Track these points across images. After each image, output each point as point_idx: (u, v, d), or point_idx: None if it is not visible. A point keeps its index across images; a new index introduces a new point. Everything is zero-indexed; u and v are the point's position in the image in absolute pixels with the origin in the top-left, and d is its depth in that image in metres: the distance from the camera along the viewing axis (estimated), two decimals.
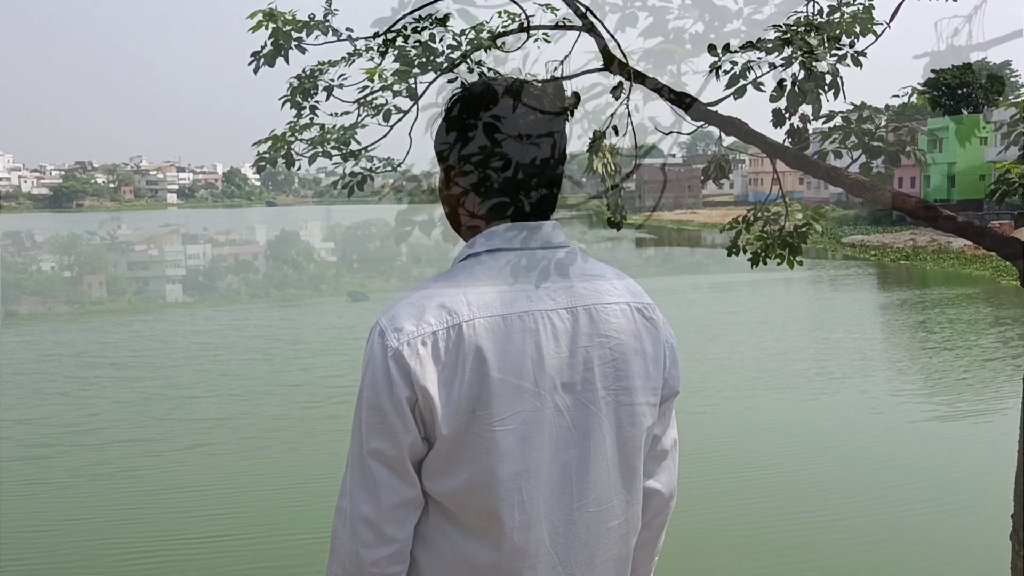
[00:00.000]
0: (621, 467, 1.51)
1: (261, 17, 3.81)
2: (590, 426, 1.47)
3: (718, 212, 79.04)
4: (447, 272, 1.52)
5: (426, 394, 1.37)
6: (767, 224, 5.11)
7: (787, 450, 11.10)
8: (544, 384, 1.43)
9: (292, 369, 16.71)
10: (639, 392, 1.52)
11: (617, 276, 1.58)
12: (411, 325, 1.40)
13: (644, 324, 1.55)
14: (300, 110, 4.07)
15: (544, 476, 1.44)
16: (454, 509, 1.44)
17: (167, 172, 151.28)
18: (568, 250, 1.55)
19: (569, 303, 1.48)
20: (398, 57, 4.06)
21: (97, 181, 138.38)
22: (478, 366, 1.39)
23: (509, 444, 1.40)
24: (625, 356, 1.51)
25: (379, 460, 1.40)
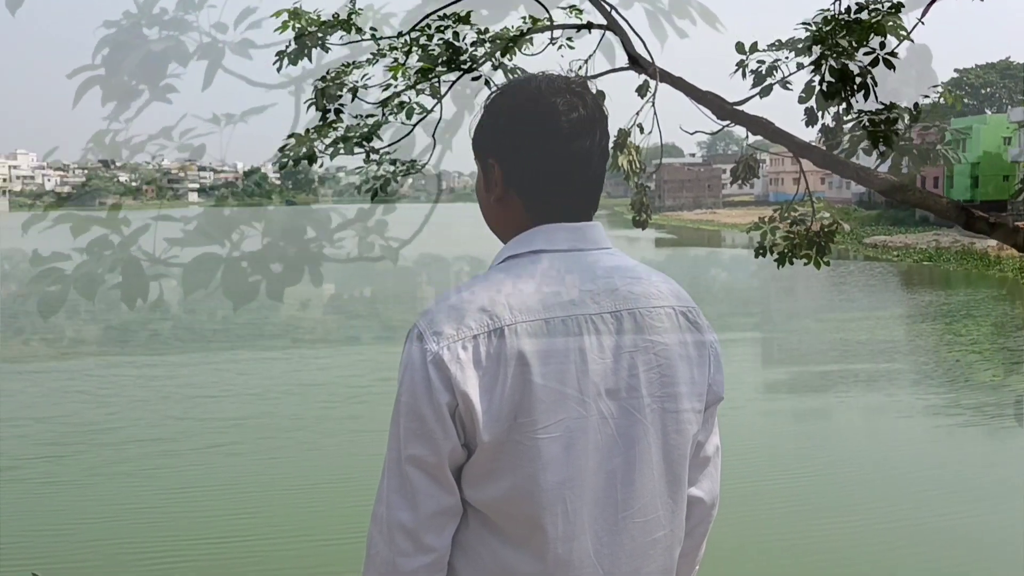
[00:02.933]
0: (667, 476, 1.46)
1: (287, 17, 3.78)
2: (635, 434, 1.42)
3: (738, 212, 78.68)
4: (486, 274, 1.47)
5: (467, 400, 1.33)
6: (794, 224, 5.03)
7: (813, 454, 10.97)
8: (588, 391, 1.38)
9: (310, 368, 16.71)
10: (685, 399, 1.47)
11: (661, 279, 1.53)
12: (451, 329, 1.35)
13: (689, 328, 1.50)
14: (325, 113, 4.03)
15: (588, 485, 1.39)
16: (495, 518, 1.39)
17: (188, 171, 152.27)
18: (611, 252, 1.49)
19: (613, 307, 1.43)
20: (422, 57, 4.02)
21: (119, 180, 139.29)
22: (520, 372, 1.34)
23: (552, 452, 1.36)
24: (671, 362, 1.46)
25: (418, 467, 1.36)
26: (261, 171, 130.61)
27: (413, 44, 3.98)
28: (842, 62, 4.74)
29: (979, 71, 72.47)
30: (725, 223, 70.38)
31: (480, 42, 4.13)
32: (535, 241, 1.46)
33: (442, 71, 4.05)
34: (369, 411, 13.17)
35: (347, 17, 3.92)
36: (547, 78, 1.50)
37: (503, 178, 1.49)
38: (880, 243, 45.68)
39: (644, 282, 1.49)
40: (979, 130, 49.47)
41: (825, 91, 4.68)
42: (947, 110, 6.49)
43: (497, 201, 1.51)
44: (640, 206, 4.87)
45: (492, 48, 4.00)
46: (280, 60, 3.81)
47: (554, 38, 4.60)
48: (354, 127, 4.06)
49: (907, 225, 54.35)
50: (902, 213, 57.80)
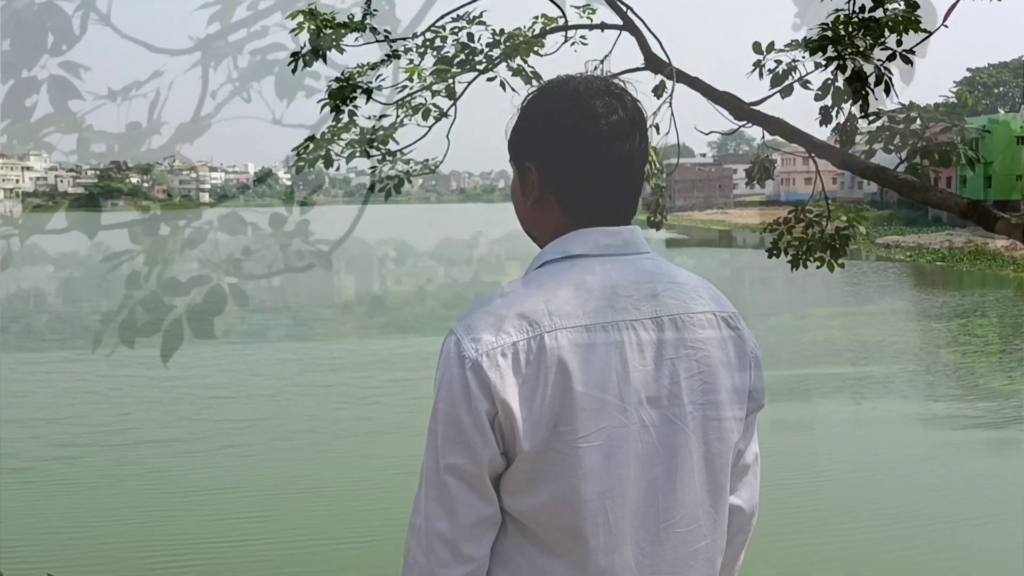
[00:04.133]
0: (709, 485, 1.43)
1: (302, 18, 3.76)
2: (677, 442, 1.39)
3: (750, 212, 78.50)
4: (523, 279, 1.44)
5: (507, 408, 1.30)
6: (809, 225, 4.98)
7: (829, 457, 10.90)
8: (629, 399, 1.35)
9: (322, 369, 16.72)
10: (726, 406, 1.44)
11: (702, 284, 1.49)
12: (489, 335, 1.32)
13: (730, 334, 1.47)
14: (339, 113, 4.01)
15: (630, 495, 1.36)
16: (534, 528, 1.36)
17: (200, 172, 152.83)
18: (650, 256, 1.46)
19: (654, 313, 1.40)
20: (437, 59, 4.00)
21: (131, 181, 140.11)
22: (561, 380, 1.31)
23: (593, 462, 1.32)
24: (712, 369, 1.43)
25: (457, 476, 1.33)
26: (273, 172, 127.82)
27: (428, 45, 3.96)
28: (858, 61, 4.71)
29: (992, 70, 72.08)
30: (736, 223, 70.24)
31: (496, 43, 4.10)
32: (573, 245, 1.43)
33: (457, 72, 4.02)
34: (381, 413, 13.18)
35: (362, 18, 3.91)
36: (585, 79, 1.47)
37: (540, 181, 1.46)
38: (893, 243, 45.48)
39: (685, 287, 1.46)
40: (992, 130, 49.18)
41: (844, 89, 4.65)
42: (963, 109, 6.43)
43: (534, 204, 1.48)
44: (656, 207, 4.84)
45: (507, 49, 3.98)
46: (295, 61, 3.79)
47: (568, 37, 4.58)
48: (369, 129, 4.04)
49: (920, 225, 54.13)
50: (914, 213, 57.56)
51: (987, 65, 73.30)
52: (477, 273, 34.58)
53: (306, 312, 24.87)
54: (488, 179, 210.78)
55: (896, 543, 8.24)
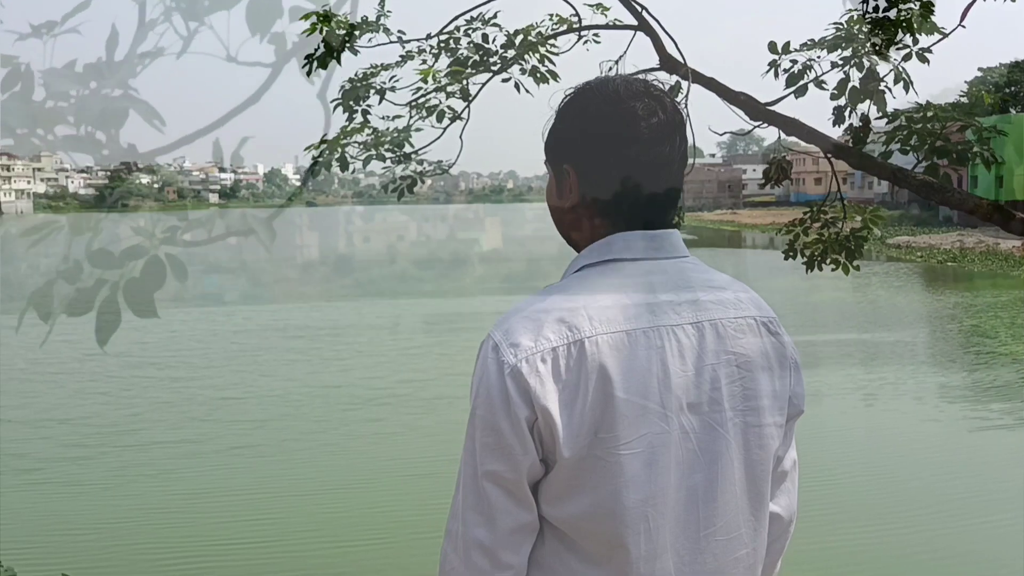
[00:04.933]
0: (749, 492, 1.41)
1: (315, 19, 3.74)
2: (718, 449, 1.37)
3: (759, 212, 78.37)
4: (561, 283, 1.42)
5: (547, 415, 1.28)
6: (825, 227, 4.95)
7: (842, 458, 10.82)
8: (670, 405, 1.33)
9: (332, 370, 16.72)
10: (767, 412, 1.42)
11: (742, 288, 1.48)
12: (528, 340, 1.30)
13: (770, 340, 1.45)
14: (352, 114, 3.99)
15: (670, 503, 1.34)
16: (573, 535, 1.34)
17: (209, 173, 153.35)
18: (690, 260, 1.44)
19: (694, 318, 1.38)
20: (452, 60, 3.98)
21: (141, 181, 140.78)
22: (602, 386, 1.29)
23: (635, 469, 1.31)
24: (753, 374, 1.41)
25: (495, 483, 1.32)
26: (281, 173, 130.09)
27: (442, 47, 3.94)
28: (875, 60, 4.68)
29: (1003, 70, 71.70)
30: (746, 224, 70.06)
31: (510, 44, 4.08)
32: (612, 249, 1.41)
33: (471, 73, 4.00)
34: (391, 414, 13.17)
35: (376, 19, 3.89)
36: (625, 81, 1.45)
37: (578, 184, 1.44)
38: (904, 243, 45.29)
39: (725, 292, 1.44)
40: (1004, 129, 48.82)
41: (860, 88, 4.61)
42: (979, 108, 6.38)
43: (571, 208, 1.46)
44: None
45: (521, 49, 3.95)
46: (308, 63, 3.77)
47: (581, 36, 4.55)
48: (384, 132, 4.02)
49: (931, 225, 53.93)
50: (925, 213, 57.37)
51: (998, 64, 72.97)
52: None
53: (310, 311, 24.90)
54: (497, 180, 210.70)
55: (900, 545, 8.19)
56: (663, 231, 1.44)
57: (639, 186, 1.41)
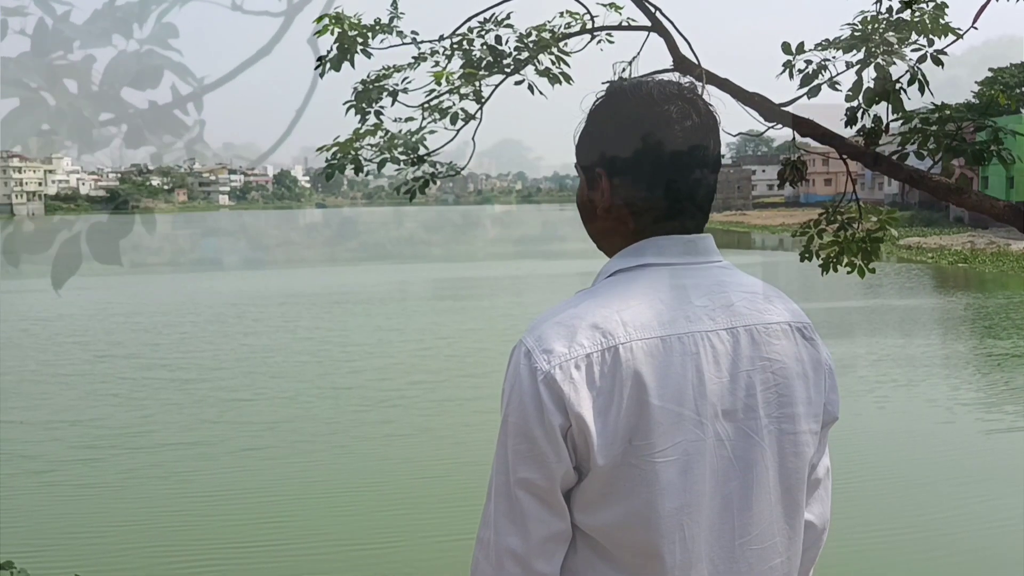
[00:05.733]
0: (784, 501, 1.39)
1: (327, 21, 3.72)
2: (752, 457, 1.35)
3: (768, 213, 78.15)
4: (593, 288, 1.40)
5: (581, 422, 1.26)
6: (841, 228, 4.91)
7: (856, 461, 10.75)
8: (705, 412, 1.31)
9: (342, 372, 16.72)
10: (802, 419, 1.40)
11: (775, 294, 1.45)
12: (562, 347, 1.29)
13: (805, 345, 1.43)
14: (364, 116, 3.97)
15: (705, 511, 1.32)
16: (607, 544, 1.32)
17: (219, 174, 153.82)
18: (723, 265, 1.43)
19: (729, 323, 1.36)
20: (465, 62, 3.96)
21: (152, 183, 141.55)
22: (636, 392, 1.27)
23: (670, 477, 1.29)
24: (788, 381, 1.39)
25: (528, 491, 1.30)
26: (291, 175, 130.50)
27: (455, 48, 3.92)
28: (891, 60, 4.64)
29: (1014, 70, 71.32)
30: (755, 224, 69.86)
31: (523, 46, 4.06)
32: (645, 254, 1.40)
33: (484, 75, 3.98)
34: (402, 415, 13.16)
35: (389, 21, 3.87)
36: (658, 83, 1.43)
37: (610, 188, 1.43)
38: (914, 244, 45.09)
39: (759, 297, 1.42)
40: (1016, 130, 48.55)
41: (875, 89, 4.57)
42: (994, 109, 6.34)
43: (603, 212, 1.45)
44: None
45: (536, 49, 3.93)
46: (322, 65, 3.76)
47: (594, 35, 4.53)
48: (397, 134, 4.00)
49: (941, 226, 53.70)
50: (936, 214, 57.14)
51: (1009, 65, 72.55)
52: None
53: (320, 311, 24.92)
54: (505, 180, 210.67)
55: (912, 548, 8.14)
56: (696, 235, 1.43)
57: (673, 190, 1.40)
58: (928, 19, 4.92)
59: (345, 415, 13.42)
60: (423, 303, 27.58)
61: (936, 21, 4.90)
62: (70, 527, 9.20)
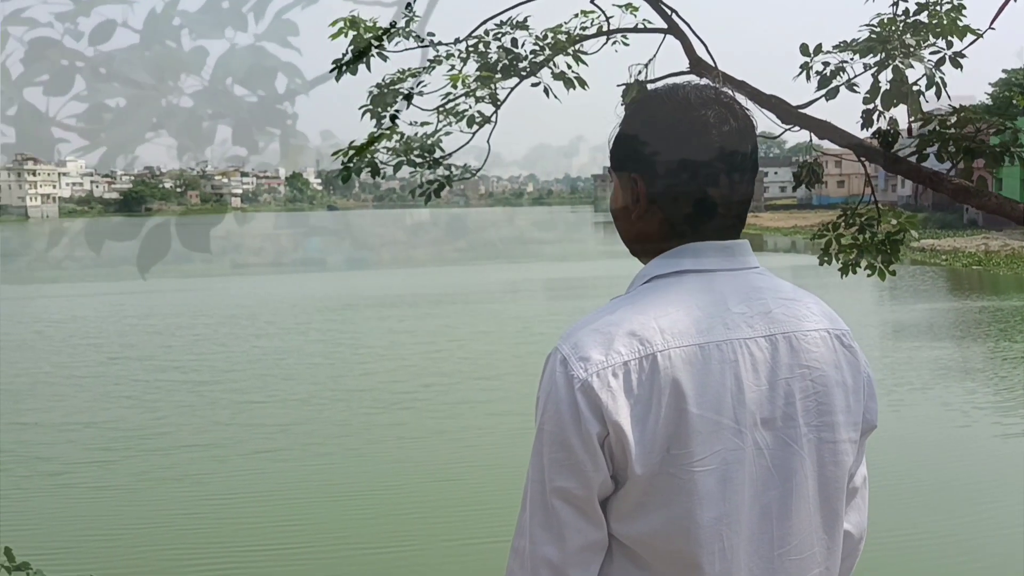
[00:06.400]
0: (823, 510, 1.38)
1: (342, 24, 3.72)
2: (792, 466, 1.34)
3: (781, 215, 77.90)
4: (629, 295, 1.38)
5: (619, 430, 1.25)
6: (860, 230, 4.87)
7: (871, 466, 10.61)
8: (744, 420, 1.29)
9: (354, 374, 16.74)
10: (842, 428, 1.38)
11: (813, 300, 1.44)
12: (599, 354, 1.27)
13: (844, 353, 1.41)
14: (380, 120, 3.97)
15: (744, 521, 1.30)
16: (644, 554, 1.31)
17: (231, 177, 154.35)
18: (760, 271, 1.41)
19: (767, 331, 1.34)
20: (481, 65, 3.95)
21: (164, 186, 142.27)
22: (675, 401, 1.26)
23: (709, 486, 1.27)
24: (828, 389, 1.37)
25: (565, 500, 1.28)
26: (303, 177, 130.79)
27: (471, 51, 3.91)
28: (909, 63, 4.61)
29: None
30: (767, 227, 69.63)
31: (540, 49, 4.04)
32: (682, 260, 1.38)
33: (500, 78, 3.97)
34: (414, 418, 13.15)
35: (405, 24, 3.87)
36: (695, 88, 1.41)
37: (646, 193, 1.41)
38: (928, 247, 44.84)
39: (797, 304, 1.40)
40: None
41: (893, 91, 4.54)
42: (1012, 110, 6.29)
43: (639, 218, 1.43)
44: None
45: (553, 52, 3.92)
46: (337, 69, 3.75)
47: (610, 37, 4.51)
48: (413, 137, 3.99)
49: (955, 228, 53.38)
50: (949, 216, 56.80)
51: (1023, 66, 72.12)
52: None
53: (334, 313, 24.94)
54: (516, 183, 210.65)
55: None
56: (734, 242, 1.41)
57: (710, 195, 1.38)
58: (945, 20, 4.89)
59: (357, 417, 13.41)
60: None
61: (954, 22, 4.86)
62: (85, 529, 9.24)
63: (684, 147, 1.37)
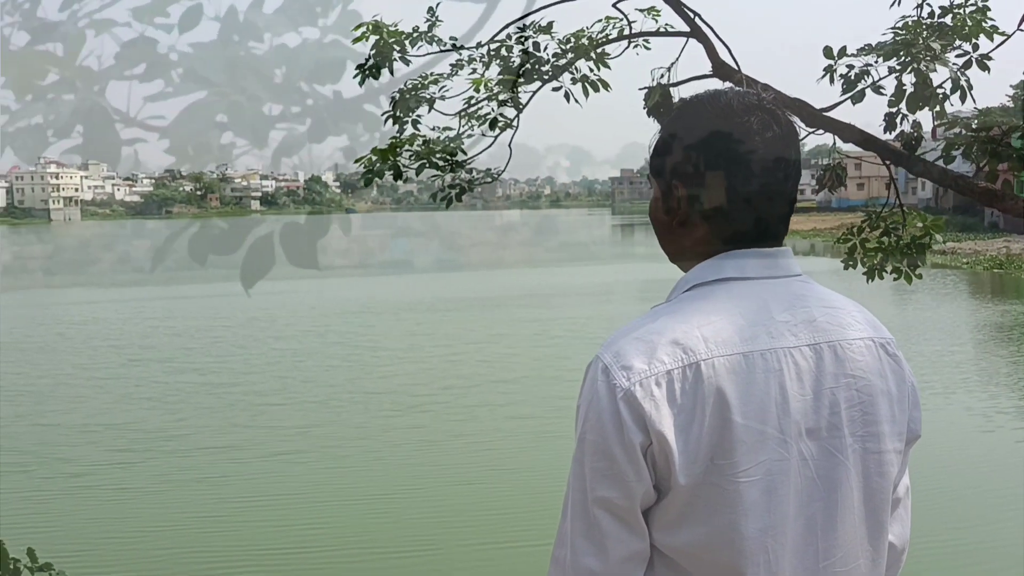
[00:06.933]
0: (868, 522, 1.36)
1: (365, 29, 3.73)
2: (837, 477, 1.32)
3: (799, 218, 77.38)
4: (671, 304, 1.37)
5: (662, 440, 1.23)
6: (885, 233, 4.83)
7: None
8: (789, 430, 1.28)
9: (372, 376, 16.77)
10: (887, 438, 1.37)
11: (856, 308, 1.42)
12: (641, 363, 1.26)
13: (888, 362, 1.40)
14: (402, 125, 3.97)
15: (789, 533, 1.29)
16: (687, 565, 1.30)
17: (251, 180, 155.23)
18: (803, 279, 1.39)
19: (812, 339, 1.33)
20: (503, 68, 3.95)
21: (185, 189, 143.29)
22: (719, 410, 1.24)
23: (754, 497, 1.26)
24: (873, 398, 1.35)
25: (607, 510, 1.27)
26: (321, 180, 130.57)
27: (493, 56, 3.91)
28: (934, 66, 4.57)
29: None
30: None
31: (562, 53, 4.04)
32: (724, 268, 1.37)
33: (522, 82, 3.97)
34: (433, 421, 13.15)
35: (427, 29, 3.87)
36: (737, 94, 1.40)
37: (688, 201, 1.40)
38: (949, 250, 44.46)
39: (841, 312, 1.39)
40: None
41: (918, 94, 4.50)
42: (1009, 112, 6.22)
43: (680, 225, 1.42)
44: None
45: (576, 55, 3.91)
46: (360, 74, 3.76)
47: (631, 41, 4.50)
48: (436, 140, 4.00)
49: (976, 231, 52.91)
50: (971, 219, 56.31)
51: None
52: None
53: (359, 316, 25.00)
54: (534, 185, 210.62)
55: None
56: (776, 249, 1.40)
57: (752, 203, 1.37)
58: (970, 21, 4.84)
59: (376, 420, 13.43)
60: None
61: (978, 24, 4.82)
62: (106, 530, 9.28)
63: (726, 154, 1.35)
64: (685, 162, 1.39)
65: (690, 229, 1.41)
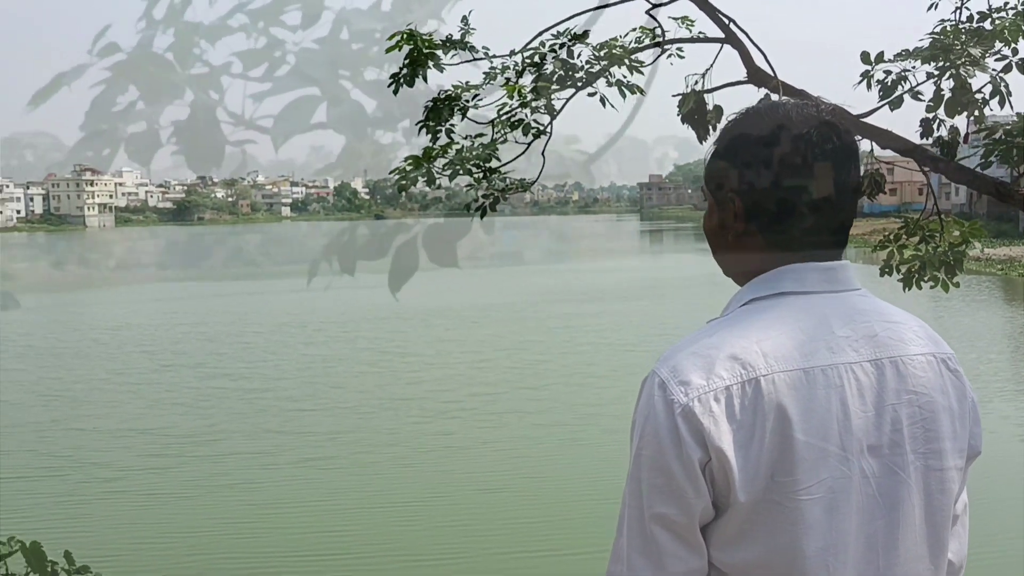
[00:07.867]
0: (929, 540, 1.33)
1: (400, 38, 3.74)
2: (899, 494, 1.29)
3: None
4: (728, 318, 1.34)
5: (721, 456, 1.21)
6: (923, 241, 4.75)
7: None
8: (851, 447, 1.25)
9: (401, 383, 16.81)
10: (948, 455, 1.34)
11: (917, 323, 1.39)
12: (700, 379, 1.23)
13: (950, 377, 1.37)
14: (436, 134, 3.98)
15: (850, 551, 1.26)
16: None
17: (281, 186, 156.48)
18: (863, 293, 1.37)
19: (873, 355, 1.30)
20: (537, 76, 3.94)
21: (216, 195, 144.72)
22: (780, 427, 1.22)
23: (815, 515, 1.23)
24: (935, 415, 1.32)
25: (665, 526, 1.25)
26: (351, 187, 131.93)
27: (527, 63, 3.90)
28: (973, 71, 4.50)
29: None
30: None
31: (596, 60, 4.02)
32: (783, 282, 1.34)
33: (556, 88, 3.96)
34: (462, 427, 13.16)
35: (461, 37, 3.87)
36: (796, 105, 1.38)
37: (745, 213, 1.37)
38: (982, 256, 43.83)
39: (902, 327, 1.36)
40: None
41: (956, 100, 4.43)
42: None
43: (735, 238, 1.40)
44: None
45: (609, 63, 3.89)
46: (395, 82, 3.77)
47: (665, 49, 4.47)
48: (469, 148, 3.99)
49: (1010, 237, 52.17)
50: (1004, 225, 55.54)
51: None
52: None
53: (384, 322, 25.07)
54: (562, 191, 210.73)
55: None
56: (836, 263, 1.36)
57: (810, 216, 1.35)
58: (1009, 25, 4.76)
59: (405, 426, 13.46)
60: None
61: (1018, 28, 4.74)
62: (140, 534, 9.37)
63: (785, 166, 1.33)
64: (742, 175, 1.37)
65: (746, 242, 1.38)
